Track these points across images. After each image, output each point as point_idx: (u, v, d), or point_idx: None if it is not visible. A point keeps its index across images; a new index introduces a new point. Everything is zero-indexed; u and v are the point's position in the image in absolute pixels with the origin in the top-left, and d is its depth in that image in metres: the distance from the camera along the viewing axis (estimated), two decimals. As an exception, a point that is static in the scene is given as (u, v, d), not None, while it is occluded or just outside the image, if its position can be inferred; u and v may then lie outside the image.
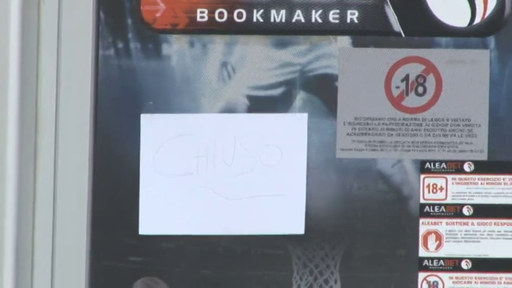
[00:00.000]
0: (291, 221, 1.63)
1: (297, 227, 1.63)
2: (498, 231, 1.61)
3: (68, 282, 1.60)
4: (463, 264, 1.60)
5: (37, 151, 1.64)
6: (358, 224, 1.64)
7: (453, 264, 1.60)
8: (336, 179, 1.64)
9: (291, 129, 1.64)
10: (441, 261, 1.60)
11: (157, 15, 1.63)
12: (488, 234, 1.61)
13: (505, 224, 1.60)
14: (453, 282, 1.61)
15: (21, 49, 1.61)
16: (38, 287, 1.62)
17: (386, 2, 1.60)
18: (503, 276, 1.59)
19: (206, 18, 1.63)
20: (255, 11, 1.62)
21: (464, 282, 1.60)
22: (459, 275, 1.60)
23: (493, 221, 1.60)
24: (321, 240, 1.63)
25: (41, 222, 1.66)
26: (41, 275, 1.63)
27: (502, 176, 1.62)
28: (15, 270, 1.61)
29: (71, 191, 1.65)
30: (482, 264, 1.60)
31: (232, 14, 1.61)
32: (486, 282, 1.60)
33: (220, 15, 1.62)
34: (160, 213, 1.67)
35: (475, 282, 1.60)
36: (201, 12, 1.62)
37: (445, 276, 1.60)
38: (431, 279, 1.60)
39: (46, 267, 1.63)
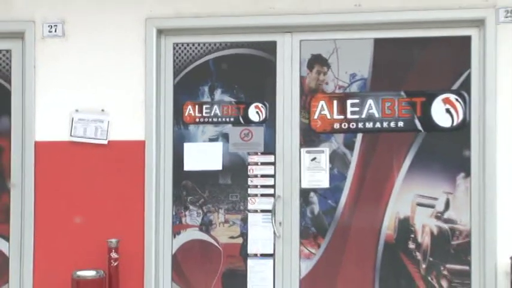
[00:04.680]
0: (218, 165, 6.42)
1: (219, 167, 6.41)
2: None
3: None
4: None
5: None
6: (237, 169, 6.44)
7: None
8: (229, 157, 6.40)
9: (217, 147, 6.43)
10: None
11: (187, 118, 6.50)
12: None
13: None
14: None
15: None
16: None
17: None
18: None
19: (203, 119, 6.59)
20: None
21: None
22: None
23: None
24: (225, 172, 6.46)
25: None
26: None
27: (271, 155, 6.37)
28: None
29: (168, 167, 6.52)
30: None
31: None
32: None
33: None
34: (191, 166, 6.44)
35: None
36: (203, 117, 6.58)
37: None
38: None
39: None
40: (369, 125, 6.25)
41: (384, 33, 6.22)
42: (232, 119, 6.43)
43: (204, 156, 6.40)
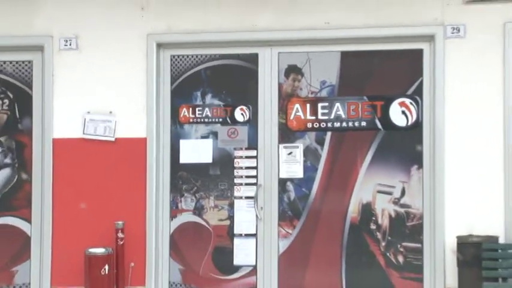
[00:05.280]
0: (209, 159, 7.12)
1: (210, 160, 7.12)
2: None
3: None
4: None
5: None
6: (224, 162, 7.15)
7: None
8: (218, 152, 7.04)
9: (208, 143, 7.07)
10: (239, 167, 7.34)
11: (183, 119, 7.38)
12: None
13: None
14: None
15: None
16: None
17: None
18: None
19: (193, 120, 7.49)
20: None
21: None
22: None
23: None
24: (215, 164, 7.18)
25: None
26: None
27: (253, 150, 6.99)
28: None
29: (166, 161, 7.12)
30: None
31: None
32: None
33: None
34: (186, 159, 7.10)
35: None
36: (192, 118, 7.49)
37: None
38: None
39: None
40: (337, 124, 6.84)
41: (349, 47, 6.80)
42: (220, 120, 7.00)
43: (197, 151, 6.98)
